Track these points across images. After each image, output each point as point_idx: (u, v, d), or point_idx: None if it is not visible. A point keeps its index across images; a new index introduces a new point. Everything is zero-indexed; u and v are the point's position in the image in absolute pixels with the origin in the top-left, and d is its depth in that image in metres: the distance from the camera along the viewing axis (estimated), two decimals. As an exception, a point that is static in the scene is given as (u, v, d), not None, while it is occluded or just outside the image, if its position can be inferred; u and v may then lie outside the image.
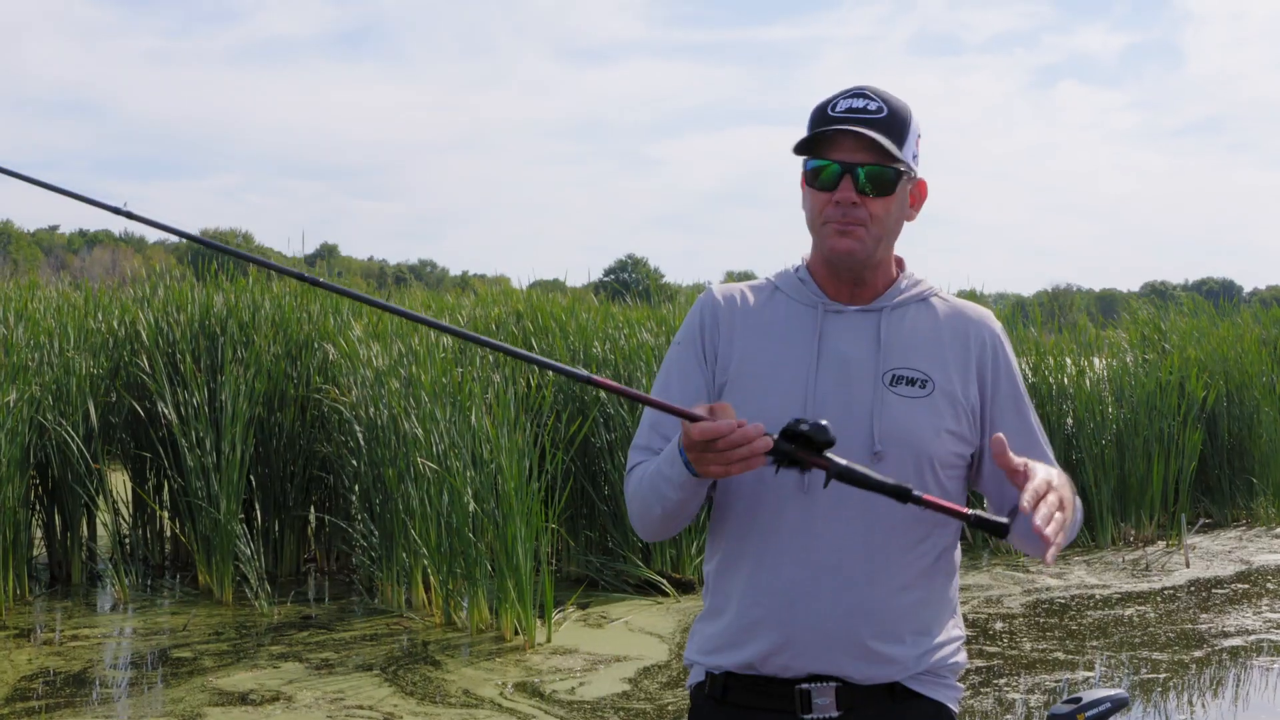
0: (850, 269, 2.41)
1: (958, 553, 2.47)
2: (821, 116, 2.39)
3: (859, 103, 2.36)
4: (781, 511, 2.34)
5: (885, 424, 2.32)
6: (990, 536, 2.30)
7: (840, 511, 2.32)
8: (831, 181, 2.35)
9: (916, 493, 2.12)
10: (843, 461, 2.13)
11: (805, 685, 2.33)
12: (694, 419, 2.11)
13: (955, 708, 2.43)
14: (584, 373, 2.25)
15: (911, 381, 2.36)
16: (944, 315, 2.45)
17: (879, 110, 2.35)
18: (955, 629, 2.45)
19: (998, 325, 2.49)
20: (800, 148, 2.39)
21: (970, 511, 2.14)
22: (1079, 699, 2.76)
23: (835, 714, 2.32)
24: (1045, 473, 2.14)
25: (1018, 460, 2.15)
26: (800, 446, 2.12)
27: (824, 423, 2.13)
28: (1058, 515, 2.08)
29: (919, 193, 2.45)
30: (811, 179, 2.39)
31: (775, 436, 2.11)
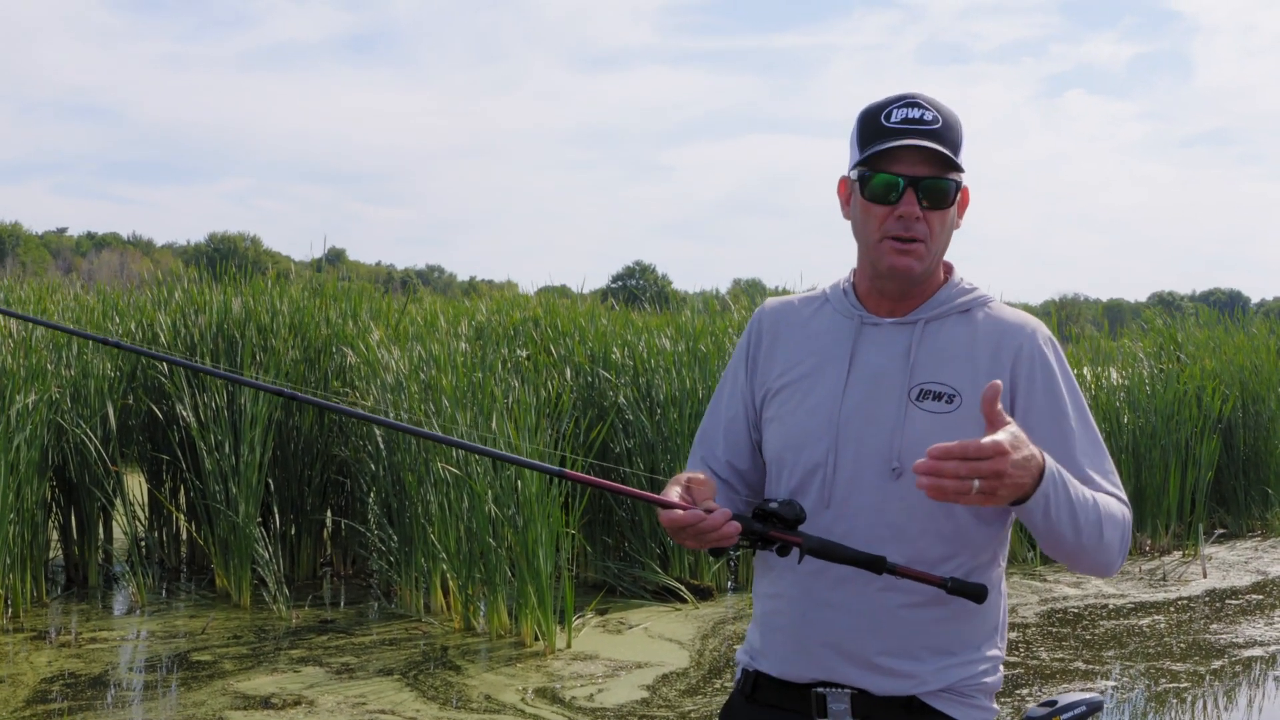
0: (901, 286, 2.39)
1: (998, 571, 2.42)
2: (877, 127, 2.34)
3: (914, 113, 2.33)
4: (805, 522, 2.33)
5: (907, 440, 2.29)
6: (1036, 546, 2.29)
7: (861, 523, 2.32)
8: (894, 195, 2.32)
9: (891, 563, 2.23)
10: (815, 537, 2.25)
11: (821, 690, 2.34)
12: (666, 505, 2.20)
13: None
14: (555, 468, 2.40)
15: (939, 396, 2.31)
16: (982, 326, 2.38)
17: (935, 121, 2.32)
18: (989, 648, 2.39)
19: (1042, 333, 2.38)
20: (865, 160, 2.34)
21: (947, 578, 2.24)
22: (1054, 702, 2.75)
23: None
24: (1004, 435, 2.00)
25: (998, 413, 2.03)
26: (772, 524, 2.24)
27: (793, 499, 2.26)
28: (947, 480, 1.97)
29: (964, 199, 2.41)
30: (871, 193, 2.34)
31: (748, 515, 2.24)
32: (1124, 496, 2.33)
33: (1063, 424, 2.33)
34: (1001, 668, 2.43)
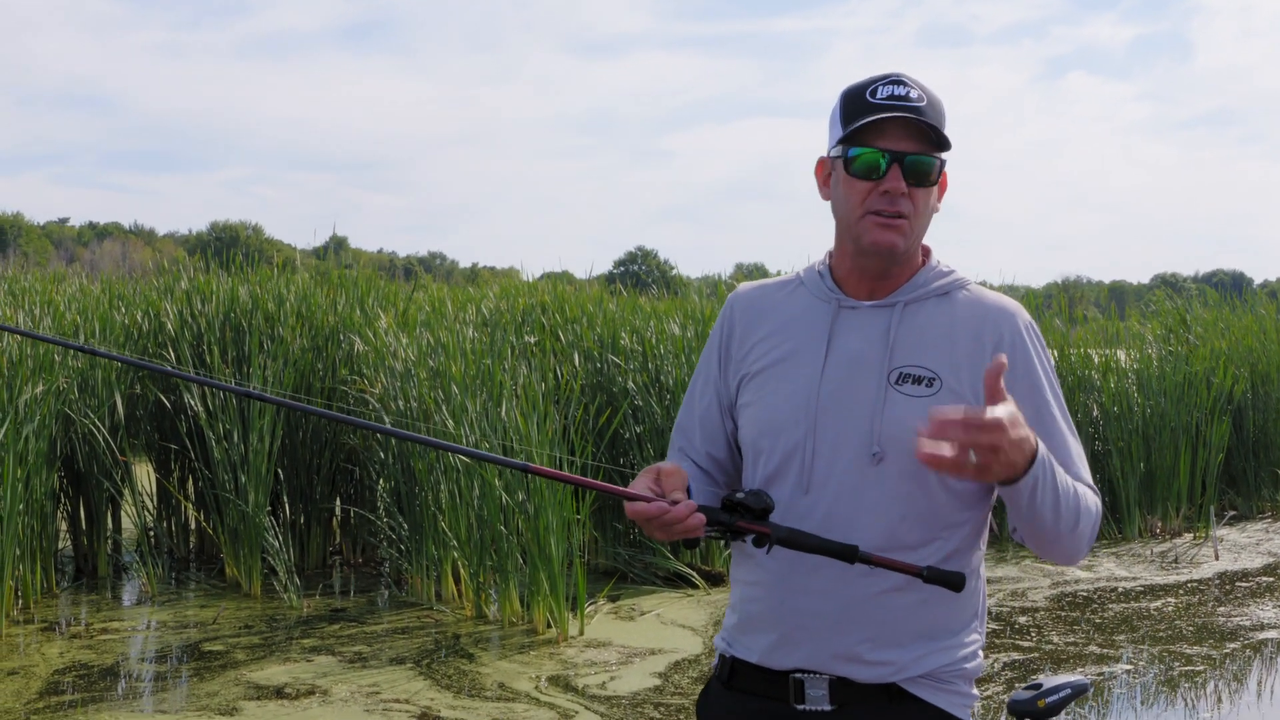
0: (884, 263, 2.36)
1: (978, 555, 2.41)
2: (862, 104, 2.33)
3: (900, 90, 2.32)
4: (783, 507, 2.33)
5: (886, 424, 2.28)
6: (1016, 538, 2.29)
7: (840, 507, 2.31)
8: (878, 171, 2.30)
9: (864, 552, 2.20)
10: (785, 527, 2.23)
11: (799, 675, 2.33)
12: (631, 498, 2.19)
13: (964, 715, 2.36)
14: (520, 463, 2.39)
15: (918, 380, 2.30)
16: (962, 309, 2.36)
17: (920, 99, 2.31)
18: (969, 633, 2.38)
19: (1022, 318, 2.37)
20: (849, 136, 2.32)
21: (923, 567, 2.21)
22: (1039, 685, 2.79)
23: (828, 707, 2.31)
24: (1004, 411, 2.01)
25: (1000, 390, 2.03)
26: (740, 515, 2.23)
27: (761, 490, 2.24)
28: (946, 442, 1.98)
29: (943, 183, 2.40)
30: (854, 168, 2.32)
31: (717, 507, 2.24)
32: (1095, 487, 2.34)
33: (1042, 412, 2.33)
34: (981, 653, 2.41)
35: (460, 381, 8.05)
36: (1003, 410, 2.01)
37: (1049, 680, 2.80)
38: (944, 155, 2.33)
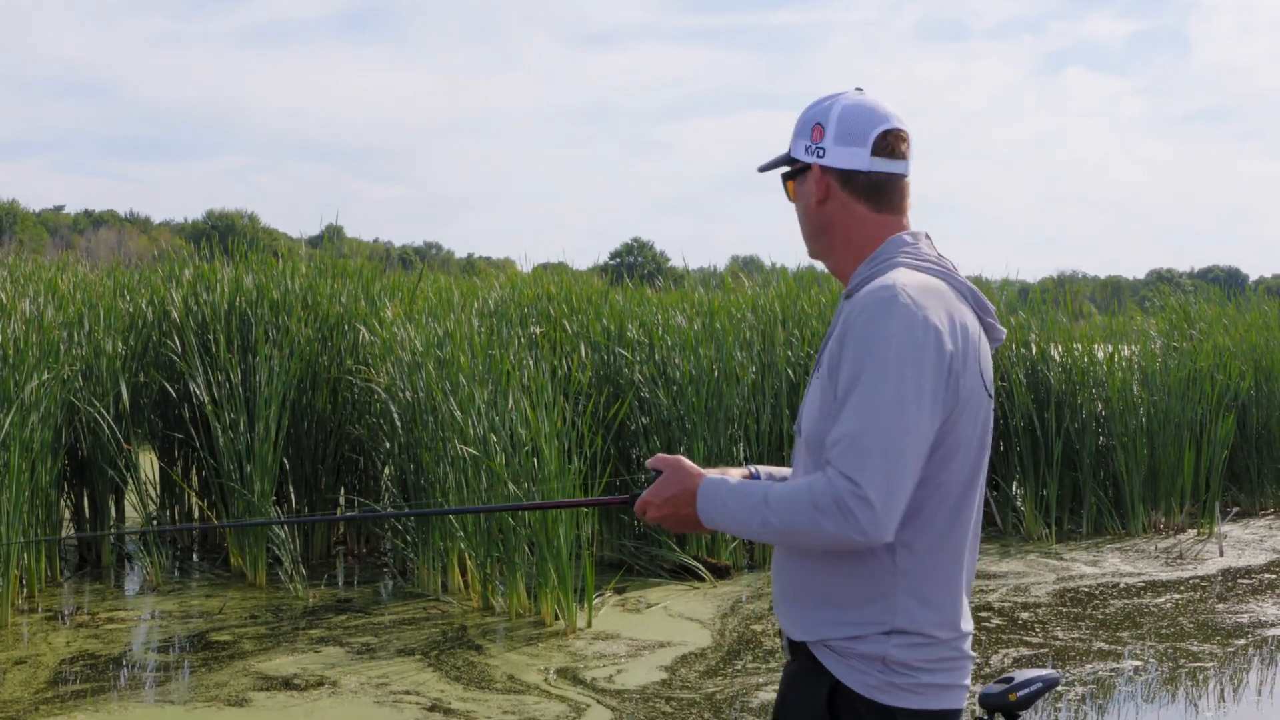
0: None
1: (905, 532, 2.34)
2: None
3: None
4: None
5: (803, 406, 2.56)
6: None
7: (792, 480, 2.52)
8: None
9: None
10: None
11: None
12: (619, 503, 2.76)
13: (862, 691, 2.35)
14: (523, 503, 2.89)
15: (817, 367, 2.49)
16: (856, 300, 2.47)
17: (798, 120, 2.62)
18: (875, 611, 2.36)
19: (875, 301, 2.34)
20: None
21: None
22: (1010, 679, 2.82)
23: (789, 658, 2.53)
24: (647, 493, 2.56)
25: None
26: None
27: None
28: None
29: (814, 188, 2.56)
30: None
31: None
32: (847, 470, 2.24)
33: (835, 387, 2.36)
34: (894, 638, 2.34)
35: (468, 372, 8.02)
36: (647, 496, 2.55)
37: (1021, 674, 2.85)
38: (787, 167, 2.62)
